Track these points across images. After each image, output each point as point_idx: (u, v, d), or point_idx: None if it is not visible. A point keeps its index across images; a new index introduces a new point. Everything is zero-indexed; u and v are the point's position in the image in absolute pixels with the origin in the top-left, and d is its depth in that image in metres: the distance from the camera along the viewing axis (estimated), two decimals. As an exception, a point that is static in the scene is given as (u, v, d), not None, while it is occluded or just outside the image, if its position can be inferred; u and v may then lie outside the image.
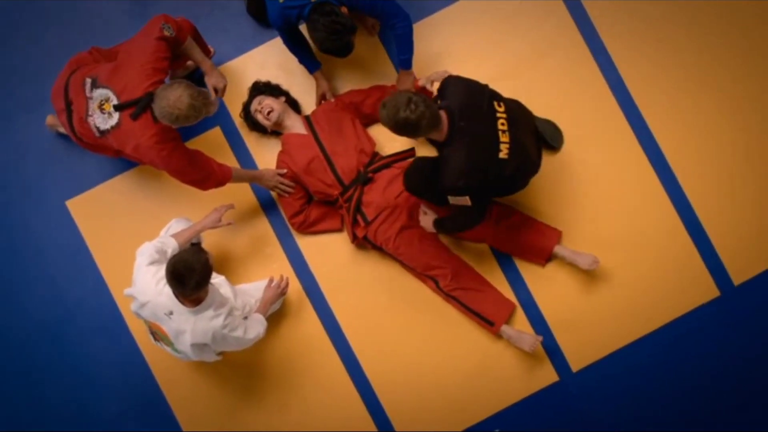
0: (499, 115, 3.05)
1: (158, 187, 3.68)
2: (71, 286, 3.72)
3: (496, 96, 3.12)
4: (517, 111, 3.23)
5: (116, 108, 3.05)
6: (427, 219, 3.42)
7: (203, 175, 3.24)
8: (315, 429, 3.62)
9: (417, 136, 2.95)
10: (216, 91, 3.36)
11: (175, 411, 3.66)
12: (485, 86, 3.14)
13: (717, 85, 3.68)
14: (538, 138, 3.46)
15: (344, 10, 3.18)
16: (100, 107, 3.09)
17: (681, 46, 3.70)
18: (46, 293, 3.72)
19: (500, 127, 3.03)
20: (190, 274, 2.80)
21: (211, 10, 3.69)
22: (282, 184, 3.57)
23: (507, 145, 3.04)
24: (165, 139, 3.06)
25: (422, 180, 3.33)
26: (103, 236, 3.70)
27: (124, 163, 3.64)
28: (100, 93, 3.09)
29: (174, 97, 2.87)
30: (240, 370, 3.64)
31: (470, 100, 3.03)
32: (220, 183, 3.34)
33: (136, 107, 3.00)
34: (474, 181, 3.02)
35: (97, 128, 3.14)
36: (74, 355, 3.72)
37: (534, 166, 3.37)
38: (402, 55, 3.42)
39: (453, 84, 3.10)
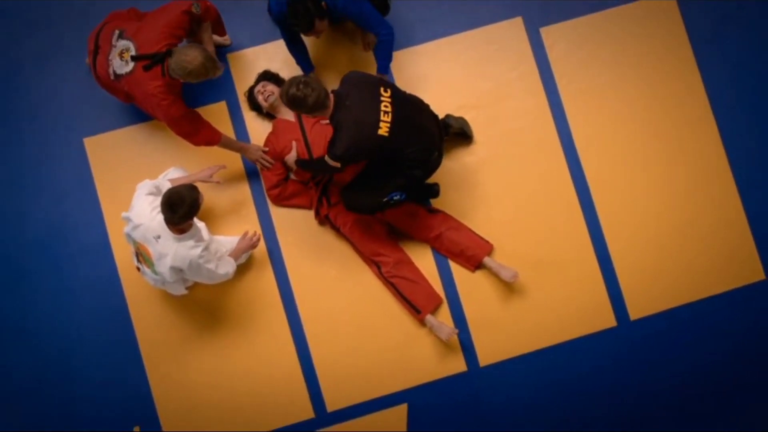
0: (383, 98, 3.61)
1: (166, 142, 4.24)
2: (71, 210, 4.25)
3: (385, 84, 3.69)
4: (411, 100, 3.79)
5: (133, 58, 3.64)
6: (291, 157, 4.02)
7: (194, 129, 3.81)
8: (253, 369, 4.15)
9: (305, 111, 3.54)
10: None
11: (137, 333, 4.19)
12: (377, 77, 3.74)
13: (648, 144, 4.29)
14: (439, 123, 3.97)
15: (324, 24, 3.77)
16: (120, 55, 3.69)
17: (627, 115, 4.31)
18: (48, 211, 4.25)
19: (383, 108, 3.59)
20: (181, 204, 3.39)
21: (237, 3, 4.30)
22: (263, 158, 4.15)
23: (387, 124, 3.59)
24: (168, 91, 3.65)
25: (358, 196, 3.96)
26: (109, 174, 4.25)
27: (140, 115, 4.23)
28: (123, 43, 3.69)
29: (191, 56, 3.50)
30: (200, 308, 4.18)
31: (358, 86, 3.62)
32: (209, 141, 3.90)
33: (151, 60, 3.60)
34: (349, 155, 3.61)
35: (114, 72, 3.73)
36: (60, 268, 4.23)
37: (433, 139, 3.84)
38: (381, 60, 3.97)
39: (349, 75, 3.71)
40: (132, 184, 3.90)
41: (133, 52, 3.67)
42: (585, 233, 4.24)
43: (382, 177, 3.92)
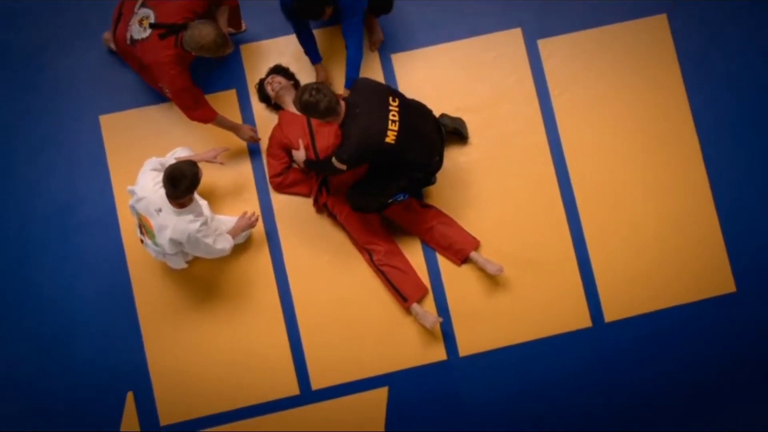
0: (391, 108, 3.85)
1: (177, 123, 4.45)
2: (82, 183, 4.46)
3: (393, 93, 3.92)
4: (415, 107, 4.03)
5: (151, 26, 3.89)
6: (300, 155, 4.24)
7: (194, 104, 4.05)
8: (244, 344, 4.36)
9: (317, 116, 3.77)
10: None
11: (137, 303, 4.40)
12: (386, 86, 3.97)
13: (633, 156, 4.52)
14: (440, 128, 4.19)
15: (329, 11, 3.96)
16: (140, 22, 3.94)
17: (614, 127, 4.54)
18: (60, 182, 4.46)
19: (391, 117, 3.83)
20: (182, 179, 3.61)
21: (255, -3, 4.56)
22: (253, 137, 4.38)
23: (394, 133, 3.83)
24: (177, 62, 3.90)
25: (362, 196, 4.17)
26: (121, 150, 4.47)
27: (154, 96, 4.47)
28: (143, 11, 3.94)
29: (205, 32, 3.76)
30: (199, 283, 4.39)
31: (368, 95, 3.85)
32: (205, 118, 4.14)
33: (166, 30, 3.85)
34: (355, 159, 3.84)
35: (131, 37, 3.98)
36: (68, 237, 4.42)
37: (434, 144, 4.09)
38: (348, 71, 4.18)
39: (360, 83, 3.94)
40: (142, 161, 4.10)
41: (152, 20, 3.91)
42: (567, 236, 4.47)
43: (386, 180, 4.14)
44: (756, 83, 4.60)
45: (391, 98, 3.91)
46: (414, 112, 4.00)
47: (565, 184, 4.51)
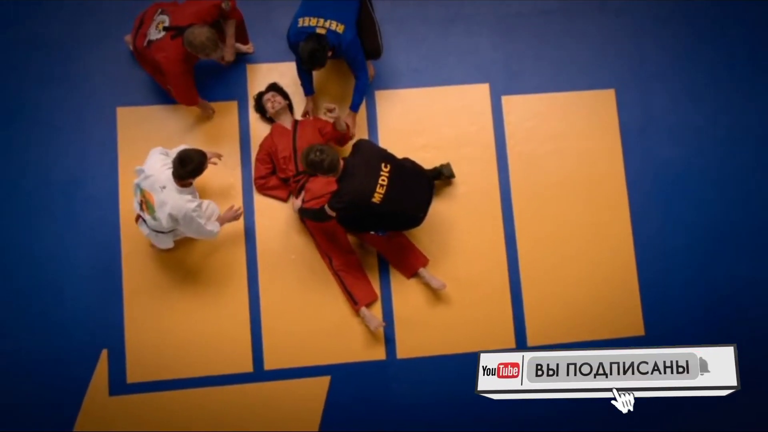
0: (382, 173, 4.47)
1: (185, 123, 5.10)
2: (92, 164, 5.04)
3: (387, 158, 4.54)
4: (407, 171, 4.62)
5: (165, 29, 4.61)
6: (296, 203, 4.85)
7: (186, 93, 4.78)
8: (211, 322, 4.93)
9: (321, 172, 4.38)
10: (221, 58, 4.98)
11: (124, 271, 4.96)
12: (383, 151, 4.60)
13: (570, 208, 5.17)
14: (430, 187, 4.80)
15: (330, 53, 4.63)
16: (157, 26, 4.65)
17: (557, 181, 5.20)
18: (74, 161, 5.03)
19: (380, 182, 4.46)
20: (190, 161, 4.27)
21: (267, 23, 5.22)
22: (208, 114, 5.09)
23: (381, 195, 4.45)
24: (184, 59, 4.60)
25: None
26: (131, 140, 5.06)
27: (167, 97, 5.09)
28: (161, 17, 4.67)
29: (198, 33, 4.45)
30: (180, 263, 4.97)
31: (365, 158, 4.49)
32: (191, 103, 4.89)
33: (177, 31, 4.55)
34: (345, 210, 4.46)
35: (149, 39, 4.67)
36: (73, 209, 4.97)
37: (421, 204, 4.68)
38: (355, 98, 4.92)
39: (361, 145, 4.59)
40: (148, 150, 4.64)
41: (166, 24, 4.62)
42: (505, 267, 5.10)
43: (370, 220, 4.72)
44: (686, 163, 5.29)
45: (383, 164, 4.50)
46: (406, 173, 4.59)
47: (509, 223, 5.15)
